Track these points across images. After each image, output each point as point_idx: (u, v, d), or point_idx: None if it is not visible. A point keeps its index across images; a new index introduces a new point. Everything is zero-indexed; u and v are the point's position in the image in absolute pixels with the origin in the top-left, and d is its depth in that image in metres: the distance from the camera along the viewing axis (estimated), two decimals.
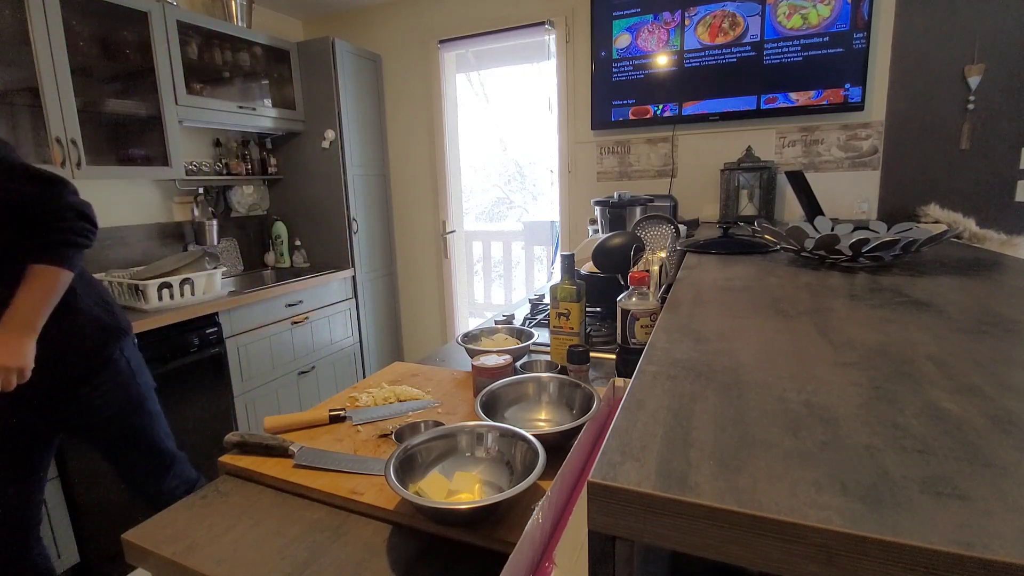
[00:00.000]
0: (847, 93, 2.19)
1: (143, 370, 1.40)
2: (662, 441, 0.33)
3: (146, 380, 1.40)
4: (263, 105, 2.76)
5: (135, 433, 1.36)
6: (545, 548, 0.55)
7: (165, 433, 1.43)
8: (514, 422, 0.87)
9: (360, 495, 0.72)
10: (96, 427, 1.32)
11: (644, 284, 1.02)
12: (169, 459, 1.43)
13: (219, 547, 0.65)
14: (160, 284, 1.99)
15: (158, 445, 1.40)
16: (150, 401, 1.40)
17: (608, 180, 2.73)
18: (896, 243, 0.82)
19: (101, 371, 1.28)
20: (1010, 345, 0.48)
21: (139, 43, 2.15)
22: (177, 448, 1.47)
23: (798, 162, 2.37)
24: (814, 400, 0.38)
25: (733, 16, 2.30)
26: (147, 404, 1.38)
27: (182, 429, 2.04)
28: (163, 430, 1.43)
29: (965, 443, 0.31)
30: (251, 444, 0.84)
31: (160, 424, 1.42)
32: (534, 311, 1.66)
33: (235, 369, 2.25)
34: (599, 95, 2.59)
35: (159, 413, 1.43)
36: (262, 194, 3.03)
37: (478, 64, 3.15)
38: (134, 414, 1.35)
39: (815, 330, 0.54)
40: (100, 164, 2.06)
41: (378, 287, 3.19)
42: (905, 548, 0.24)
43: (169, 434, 1.45)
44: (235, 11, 2.64)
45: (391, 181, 3.27)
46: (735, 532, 0.27)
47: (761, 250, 1.08)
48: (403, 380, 1.13)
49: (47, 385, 1.21)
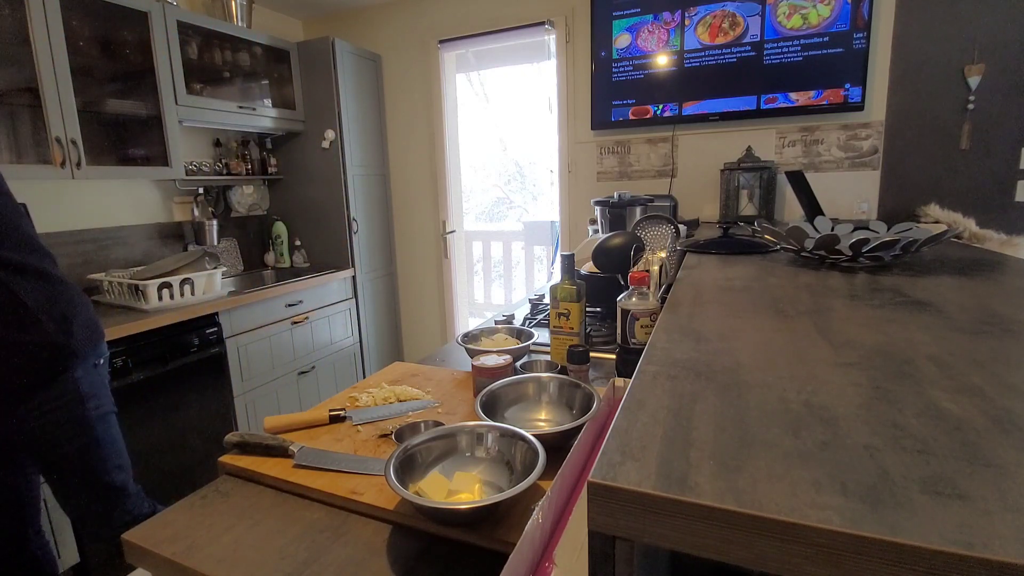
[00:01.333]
0: (847, 93, 2.19)
1: (100, 395, 1.29)
2: (662, 441, 0.33)
3: (100, 405, 1.28)
4: (263, 105, 2.76)
5: (77, 461, 1.24)
6: (545, 548, 0.55)
7: (116, 465, 1.30)
8: (514, 422, 0.87)
9: (360, 495, 0.72)
10: (33, 449, 1.23)
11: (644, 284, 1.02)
12: (116, 493, 1.29)
13: (219, 547, 0.65)
14: (160, 284, 1.99)
15: (104, 477, 1.27)
16: (101, 429, 1.27)
17: (608, 180, 2.73)
18: (896, 243, 0.82)
19: (44, 391, 1.19)
20: (1010, 345, 0.48)
21: (139, 43, 2.15)
22: (133, 482, 1.34)
23: (798, 162, 2.37)
24: (814, 400, 0.38)
25: (733, 16, 2.30)
26: (95, 431, 1.26)
27: (182, 429, 2.04)
28: (114, 462, 1.30)
29: (965, 443, 0.31)
30: (251, 444, 0.84)
31: (111, 454, 1.29)
32: (534, 311, 1.66)
33: (235, 369, 2.25)
34: (599, 95, 2.59)
35: (112, 442, 1.30)
36: (262, 194, 3.03)
37: (478, 64, 3.15)
38: (76, 440, 1.23)
39: (815, 330, 0.54)
40: (100, 164, 2.06)
41: (378, 287, 3.19)
42: (905, 548, 0.24)
43: (123, 466, 1.32)
44: (235, 11, 2.64)
45: (391, 181, 3.27)
46: (735, 532, 0.27)
47: (761, 250, 1.08)
48: (403, 380, 1.13)
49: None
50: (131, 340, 1.84)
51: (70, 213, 2.18)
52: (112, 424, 1.32)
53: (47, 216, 2.09)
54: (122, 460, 1.33)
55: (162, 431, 1.97)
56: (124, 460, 1.34)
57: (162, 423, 1.97)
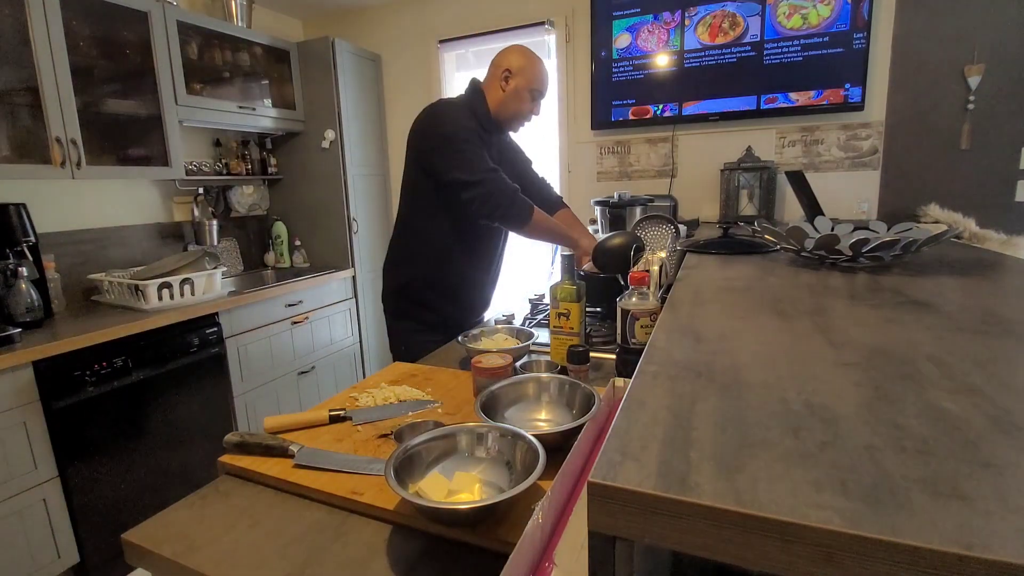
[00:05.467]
0: (847, 93, 2.19)
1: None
2: (662, 441, 0.33)
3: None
4: (263, 105, 2.76)
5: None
6: (545, 548, 0.55)
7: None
8: (514, 422, 0.87)
9: (360, 495, 0.71)
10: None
11: (644, 284, 1.02)
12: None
13: (219, 547, 0.65)
14: (160, 284, 1.99)
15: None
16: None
17: (608, 180, 2.73)
18: (896, 243, 0.82)
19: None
20: (1010, 345, 0.48)
21: (139, 43, 2.15)
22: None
23: (798, 162, 2.37)
24: (814, 400, 0.38)
25: (733, 16, 2.30)
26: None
27: (182, 429, 2.04)
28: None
29: (965, 443, 0.31)
30: (251, 444, 0.84)
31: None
32: (534, 311, 1.66)
33: (235, 369, 2.25)
34: (599, 95, 2.59)
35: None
36: (262, 194, 3.03)
37: (478, 64, 3.14)
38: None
39: (815, 330, 0.54)
40: (100, 164, 2.06)
41: (378, 287, 3.16)
42: (905, 548, 0.24)
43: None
44: (235, 11, 2.64)
45: (391, 181, 3.27)
46: (735, 532, 0.27)
47: (761, 250, 1.08)
48: (403, 380, 1.13)
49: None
50: (131, 340, 1.84)
51: (70, 213, 2.18)
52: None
53: (47, 216, 2.09)
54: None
55: (162, 431, 1.97)
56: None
57: (162, 423, 1.97)
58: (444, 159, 1.41)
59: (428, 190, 1.47)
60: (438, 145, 1.42)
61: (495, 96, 1.51)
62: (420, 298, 1.56)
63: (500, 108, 1.51)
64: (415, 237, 1.54)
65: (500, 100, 1.50)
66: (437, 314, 1.57)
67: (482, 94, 1.52)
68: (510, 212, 1.41)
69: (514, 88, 1.49)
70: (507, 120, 1.54)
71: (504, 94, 1.49)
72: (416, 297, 1.56)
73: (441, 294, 1.56)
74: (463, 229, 1.51)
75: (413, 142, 1.50)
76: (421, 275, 1.54)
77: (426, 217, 1.51)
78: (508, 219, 1.42)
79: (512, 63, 1.49)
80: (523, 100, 1.51)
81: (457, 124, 1.43)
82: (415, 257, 1.55)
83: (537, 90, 1.52)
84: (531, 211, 1.43)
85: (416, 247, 1.54)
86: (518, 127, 1.59)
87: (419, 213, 1.52)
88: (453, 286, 1.57)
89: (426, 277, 1.54)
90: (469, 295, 1.63)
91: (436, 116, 1.47)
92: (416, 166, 1.48)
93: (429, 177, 1.45)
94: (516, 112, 1.52)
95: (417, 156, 1.48)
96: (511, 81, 1.48)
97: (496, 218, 1.41)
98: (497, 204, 1.39)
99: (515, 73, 1.48)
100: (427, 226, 1.51)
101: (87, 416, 1.73)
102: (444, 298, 1.56)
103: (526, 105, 1.52)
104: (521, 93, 1.50)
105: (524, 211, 1.42)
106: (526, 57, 1.50)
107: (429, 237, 1.52)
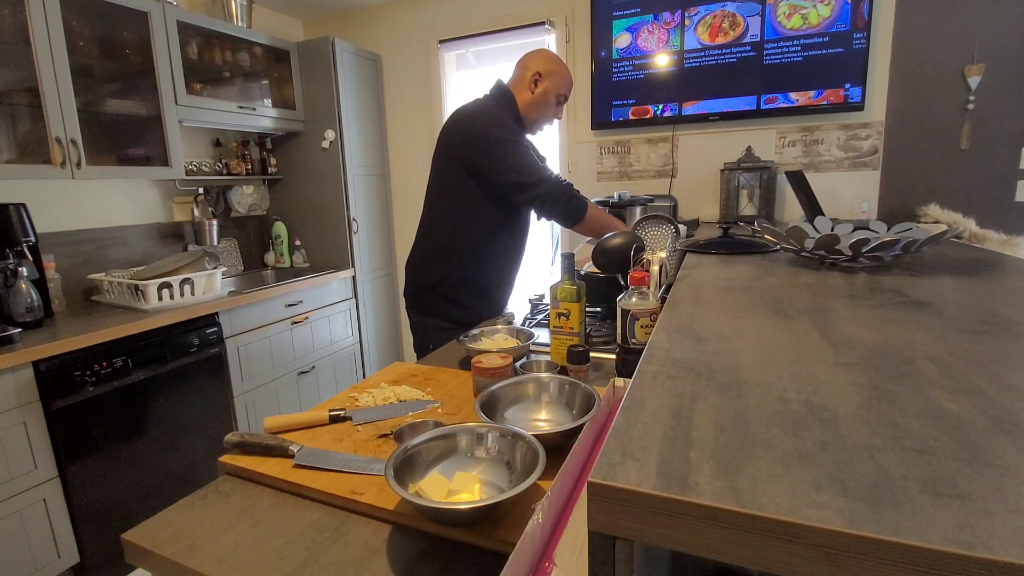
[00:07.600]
0: (847, 93, 2.19)
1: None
2: (662, 441, 0.33)
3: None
4: (263, 105, 2.76)
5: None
6: (545, 548, 0.55)
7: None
8: (514, 422, 0.87)
9: (360, 495, 0.71)
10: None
11: (644, 284, 1.02)
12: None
13: (219, 547, 0.65)
14: (160, 284, 1.99)
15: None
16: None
17: (608, 180, 2.73)
18: (896, 243, 0.82)
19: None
20: (1010, 345, 0.48)
21: (139, 43, 2.15)
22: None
23: (798, 162, 2.37)
24: (814, 400, 0.38)
25: (733, 16, 2.30)
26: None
27: (182, 429, 2.04)
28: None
29: (965, 443, 0.31)
30: (251, 444, 0.84)
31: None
32: (534, 311, 1.66)
33: (235, 369, 2.25)
34: (599, 95, 2.59)
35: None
36: (262, 194, 3.03)
37: (478, 64, 3.14)
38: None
39: (815, 330, 0.54)
40: (100, 164, 2.05)
41: (378, 287, 3.19)
42: (905, 548, 0.24)
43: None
44: (235, 11, 2.64)
45: (391, 181, 3.27)
46: (735, 532, 0.27)
47: (761, 250, 1.08)
48: (403, 380, 1.13)
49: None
50: (131, 340, 1.84)
51: (70, 213, 2.18)
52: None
53: (47, 216, 2.09)
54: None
55: (162, 431, 1.97)
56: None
57: (162, 423, 1.97)
58: (497, 161, 1.43)
59: (469, 190, 1.48)
60: (488, 147, 1.44)
61: (524, 98, 1.52)
62: (452, 295, 1.57)
63: (528, 110, 1.53)
64: (450, 236, 1.54)
65: (529, 102, 1.52)
66: (467, 311, 1.58)
67: (511, 96, 1.53)
68: (568, 209, 1.47)
69: (543, 91, 1.51)
70: (533, 122, 1.56)
71: (533, 96, 1.51)
72: (448, 295, 1.57)
73: (474, 291, 1.58)
74: (500, 227, 1.54)
75: (453, 144, 1.50)
76: (456, 273, 1.55)
77: (462, 216, 1.52)
78: (566, 216, 1.48)
79: (542, 66, 1.50)
80: (550, 104, 1.53)
81: (506, 127, 1.46)
82: (448, 256, 1.55)
83: (564, 95, 1.55)
84: (587, 207, 1.49)
85: (451, 246, 1.55)
86: (538, 130, 1.61)
87: (454, 213, 1.53)
88: (486, 283, 1.59)
89: (459, 275, 1.56)
90: (499, 291, 1.66)
91: (479, 119, 1.48)
92: (457, 167, 1.49)
93: (472, 178, 1.47)
94: (542, 115, 1.55)
95: (460, 158, 1.48)
96: (540, 84, 1.50)
97: (555, 216, 1.48)
98: (556, 202, 1.45)
99: (545, 76, 1.50)
100: (462, 225, 1.53)
101: (87, 416, 1.73)
102: (475, 295, 1.58)
103: (551, 109, 1.54)
104: (549, 96, 1.52)
105: (581, 208, 1.48)
106: (555, 61, 1.53)
107: (465, 236, 1.53)
